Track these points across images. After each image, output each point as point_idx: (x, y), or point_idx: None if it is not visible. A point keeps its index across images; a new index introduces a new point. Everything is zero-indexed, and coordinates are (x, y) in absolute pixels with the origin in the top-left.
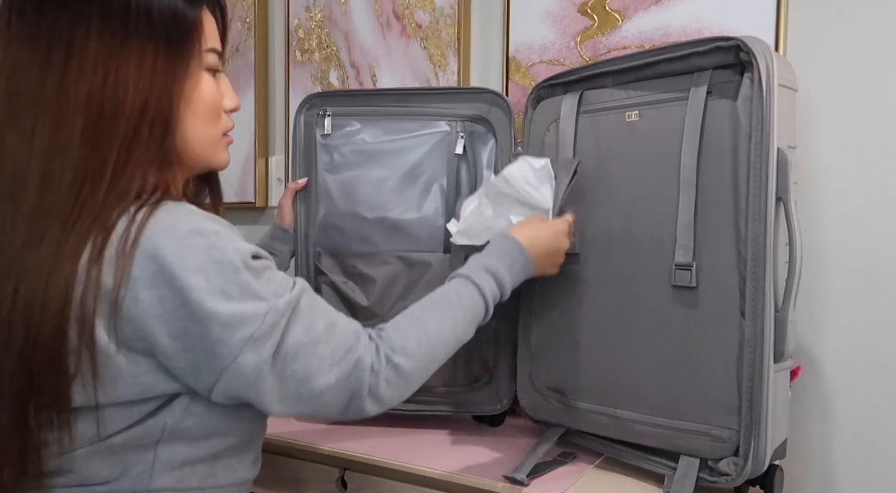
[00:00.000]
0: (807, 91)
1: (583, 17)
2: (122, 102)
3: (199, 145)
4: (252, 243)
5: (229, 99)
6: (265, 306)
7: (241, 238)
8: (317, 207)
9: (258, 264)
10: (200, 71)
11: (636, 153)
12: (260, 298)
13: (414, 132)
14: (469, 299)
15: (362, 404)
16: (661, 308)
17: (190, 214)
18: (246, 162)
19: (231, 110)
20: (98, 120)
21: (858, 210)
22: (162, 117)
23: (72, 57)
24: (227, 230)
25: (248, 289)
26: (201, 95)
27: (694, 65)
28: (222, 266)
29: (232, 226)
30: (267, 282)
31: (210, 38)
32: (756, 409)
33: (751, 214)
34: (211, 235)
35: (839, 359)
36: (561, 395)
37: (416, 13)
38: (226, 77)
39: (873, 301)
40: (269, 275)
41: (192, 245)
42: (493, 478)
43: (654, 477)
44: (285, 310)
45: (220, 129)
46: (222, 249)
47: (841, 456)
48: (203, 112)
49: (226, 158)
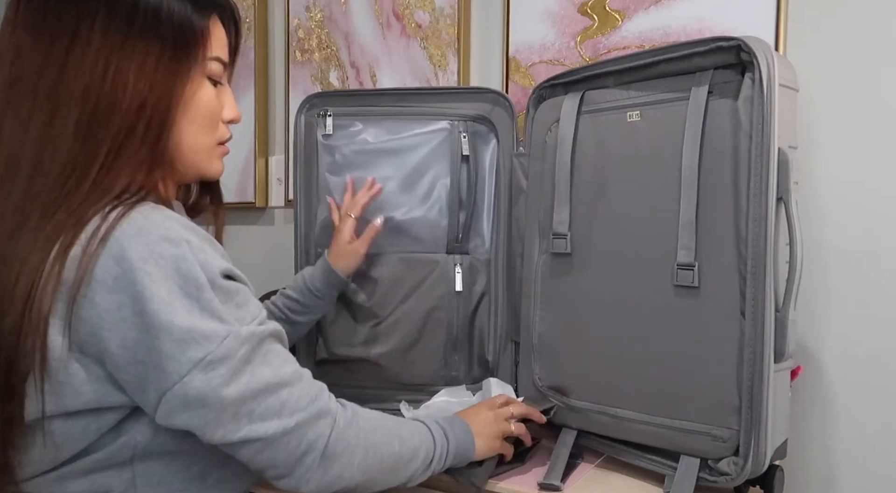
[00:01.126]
0: (807, 91)
1: (583, 17)
2: (119, 100)
3: (191, 151)
4: (257, 247)
5: (229, 110)
6: (225, 330)
7: (219, 254)
8: (318, 208)
9: (228, 284)
10: (202, 78)
11: (637, 153)
12: (221, 320)
13: (416, 132)
14: (423, 451)
15: (314, 459)
16: (662, 308)
17: (167, 220)
18: (246, 162)
19: (230, 122)
20: (93, 114)
21: (859, 210)
22: (158, 119)
23: (73, 49)
24: (202, 243)
25: (209, 308)
26: (199, 101)
27: (695, 65)
28: (187, 279)
29: (212, 240)
30: (235, 307)
31: (216, 48)
32: (756, 409)
33: (751, 214)
34: (182, 244)
35: (839, 359)
36: (562, 394)
37: (416, 13)
38: (229, 89)
39: (874, 301)
40: (240, 300)
41: (160, 253)
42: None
43: (655, 477)
44: (247, 340)
45: (215, 137)
46: (191, 261)
47: (841, 456)
48: (199, 119)
49: (219, 167)
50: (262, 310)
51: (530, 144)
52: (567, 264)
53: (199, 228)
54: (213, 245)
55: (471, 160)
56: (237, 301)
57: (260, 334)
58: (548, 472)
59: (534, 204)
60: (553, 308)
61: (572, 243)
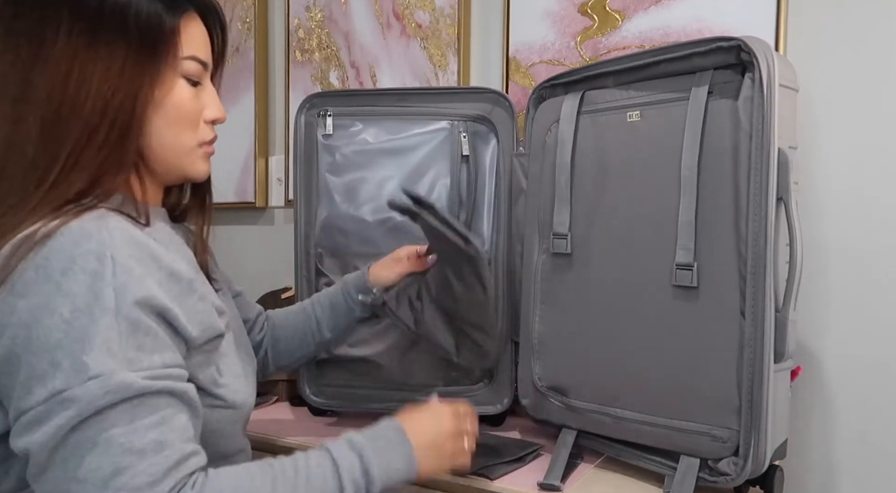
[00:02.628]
0: (807, 91)
1: (583, 17)
2: (81, 102)
3: (169, 153)
4: (257, 247)
5: (212, 110)
6: (97, 369)
7: (157, 281)
8: (318, 208)
9: (139, 319)
10: (174, 78)
11: (637, 153)
12: (107, 352)
13: (416, 132)
14: (319, 472)
15: None
16: (662, 308)
17: (102, 231)
18: (246, 162)
19: (213, 122)
20: (55, 117)
21: (859, 210)
22: (123, 121)
23: (40, 53)
24: (135, 263)
25: (100, 337)
26: (173, 102)
27: (695, 65)
28: (95, 299)
29: (157, 262)
30: (136, 347)
31: (192, 47)
32: (756, 409)
33: (751, 214)
34: (107, 261)
35: (839, 359)
36: (562, 395)
37: (416, 13)
38: (212, 88)
39: (873, 301)
40: (147, 342)
41: (81, 267)
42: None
43: (655, 477)
44: (116, 390)
45: (195, 138)
46: (106, 281)
47: (841, 456)
48: (174, 120)
49: (203, 168)
50: (175, 366)
51: (530, 144)
52: (567, 264)
53: (149, 245)
54: (150, 269)
55: (471, 160)
56: (142, 342)
57: (138, 389)
58: (548, 472)
59: (533, 204)
60: (553, 308)
61: (573, 243)
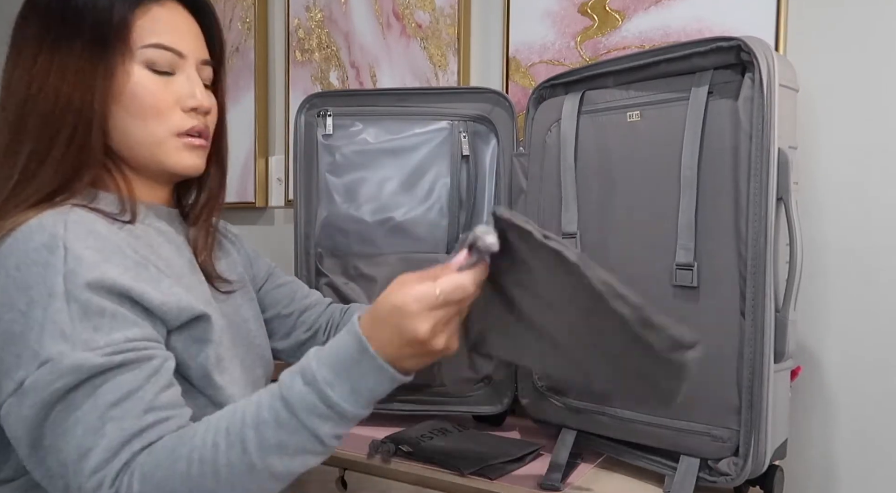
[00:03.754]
0: (807, 91)
1: (583, 17)
2: (42, 101)
3: (139, 146)
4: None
5: (188, 98)
6: (47, 353)
7: (111, 261)
8: (318, 208)
9: (92, 300)
10: (132, 68)
11: (637, 153)
12: (61, 336)
13: (416, 132)
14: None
15: None
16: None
17: (57, 225)
18: (246, 162)
19: (192, 109)
20: (21, 120)
21: (859, 210)
22: (82, 117)
23: (17, 59)
24: (99, 256)
25: (52, 321)
26: (132, 92)
27: (695, 65)
28: (46, 288)
29: (120, 251)
30: (92, 328)
31: (156, 35)
32: (756, 409)
33: (751, 214)
34: (58, 251)
35: (839, 359)
36: (562, 395)
37: (416, 13)
38: (193, 76)
39: (873, 301)
40: (101, 323)
41: (33, 260)
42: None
43: (654, 477)
44: (71, 372)
45: (165, 128)
46: (56, 269)
47: (841, 456)
48: (135, 111)
49: (185, 160)
50: (143, 341)
51: (530, 144)
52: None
53: (112, 238)
54: (111, 256)
55: (471, 160)
56: (97, 324)
57: (92, 367)
58: (548, 472)
59: (534, 204)
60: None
61: (581, 243)
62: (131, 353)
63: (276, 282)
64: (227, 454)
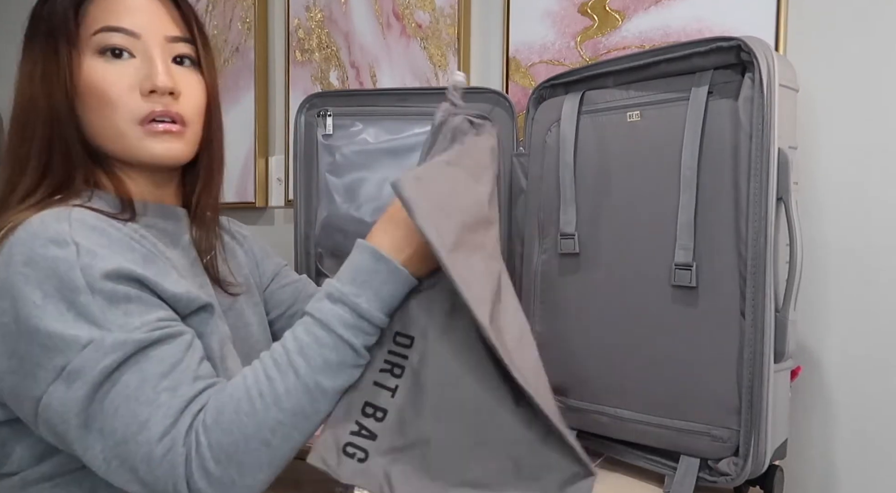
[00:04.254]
0: (807, 91)
1: (583, 17)
2: (21, 109)
3: (107, 139)
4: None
5: (144, 79)
6: (87, 336)
7: (123, 255)
8: (318, 208)
9: (115, 289)
10: (84, 59)
11: (637, 153)
12: (94, 324)
13: (416, 132)
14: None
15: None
16: (661, 308)
17: (60, 222)
18: (246, 162)
19: (152, 91)
20: (13, 128)
21: (859, 210)
22: (53, 120)
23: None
24: (97, 246)
25: (84, 312)
26: (85, 84)
27: (695, 65)
28: (63, 282)
29: (128, 243)
30: (123, 314)
31: (101, 19)
32: (756, 409)
33: (751, 214)
34: (68, 246)
35: (839, 359)
36: (561, 394)
37: (416, 13)
38: (152, 57)
39: (874, 301)
40: (131, 308)
41: (42, 255)
42: None
43: (654, 477)
44: (115, 348)
45: (124, 116)
46: (71, 263)
47: (841, 456)
48: (94, 103)
49: (157, 149)
50: (172, 321)
51: (530, 144)
52: (571, 264)
53: (113, 235)
54: (118, 250)
55: None
56: (127, 308)
57: (135, 342)
58: None
59: (534, 204)
60: (553, 308)
61: (580, 243)
62: (167, 329)
63: (282, 282)
64: (284, 382)
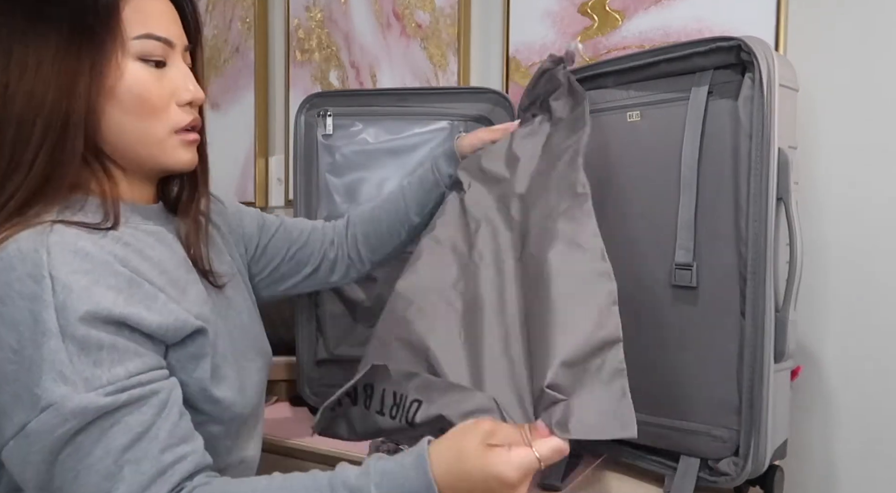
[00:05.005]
0: (807, 91)
1: (583, 17)
2: (14, 102)
3: (136, 145)
4: None
5: (184, 91)
6: (49, 397)
7: (104, 286)
8: (318, 208)
9: (89, 335)
10: (125, 62)
11: (637, 153)
12: (60, 378)
13: (416, 132)
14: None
15: None
16: (661, 308)
17: (38, 251)
18: (246, 162)
19: (189, 103)
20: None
21: (859, 210)
22: (62, 118)
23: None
24: (88, 279)
25: (49, 361)
26: (128, 88)
27: (695, 65)
28: (36, 323)
29: (114, 271)
30: (92, 363)
31: (145, 23)
32: (756, 409)
33: (751, 214)
34: (44, 281)
35: (839, 359)
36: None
37: (416, 13)
38: (184, 66)
39: (874, 301)
40: (102, 356)
41: (18, 291)
42: None
43: (654, 477)
44: (75, 414)
45: (164, 125)
46: (46, 302)
47: (841, 456)
48: (133, 108)
49: (185, 157)
50: (146, 372)
51: None
52: None
53: (98, 255)
54: (101, 276)
55: None
56: (97, 358)
57: (98, 408)
58: (548, 472)
59: None
60: None
61: None
62: (136, 389)
63: (269, 233)
64: None
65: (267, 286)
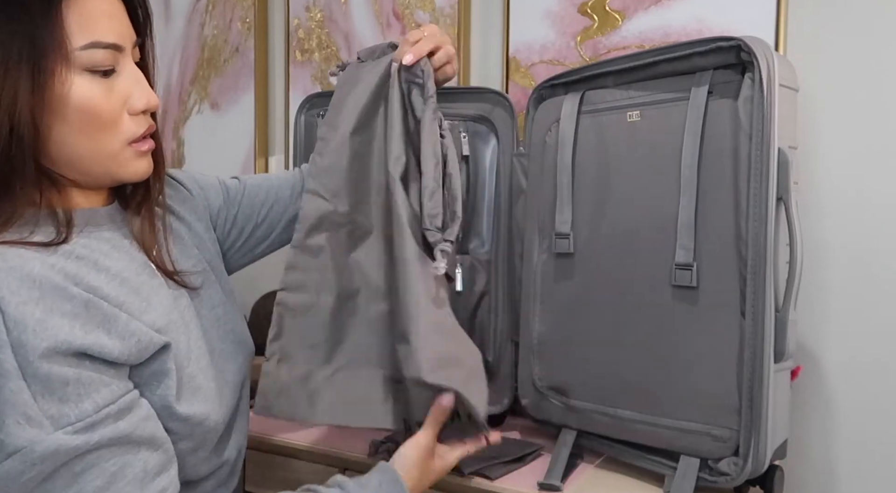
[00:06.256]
0: (807, 91)
1: (583, 17)
2: None
3: (86, 160)
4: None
5: (137, 100)
6: (15, 442)
7: (59, 316)
8: None
9: (51, 372)
10: (70, 76)
11: (637, 153)
12: (26, 420)
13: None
14: None
15: None
16: (662, 308)
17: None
18: (246, 162)
19: (144, 112)
20: None
21: (858, 210)
22: (2, 136)
23: None
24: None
25: (12, 403)
26: (74, 103)
27: (695, 65)
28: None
29: (83, 297)
30: (58, 401)
31: (87, 30)
32: (756, 409)
33: (751, 214)
34: None
35: (839, 359)
36: (562, 395)
37: (416, 13)
38: (134, 71)
39: (874, 301)
40: (69, 392)
41: None
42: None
43: (654, 477)
44: (42, 459)
45: (117, 139)
46: (1, 343)
47: (841, 456)
48: (82, 125)
49: (139, 168)
50: (115, 402)
51: (530, 144)
52: (569, 263)
53: (51, 279)
54: (56, 304)
55: (471, 160)
56: (63, 394)
57: (69, 451)
58: (548, 472)
59: (533, 204)
60: (553, 308)
61: (575, 243)
62: (108, 427)
63: (236, 203)
64: None
65: (244, 254)
